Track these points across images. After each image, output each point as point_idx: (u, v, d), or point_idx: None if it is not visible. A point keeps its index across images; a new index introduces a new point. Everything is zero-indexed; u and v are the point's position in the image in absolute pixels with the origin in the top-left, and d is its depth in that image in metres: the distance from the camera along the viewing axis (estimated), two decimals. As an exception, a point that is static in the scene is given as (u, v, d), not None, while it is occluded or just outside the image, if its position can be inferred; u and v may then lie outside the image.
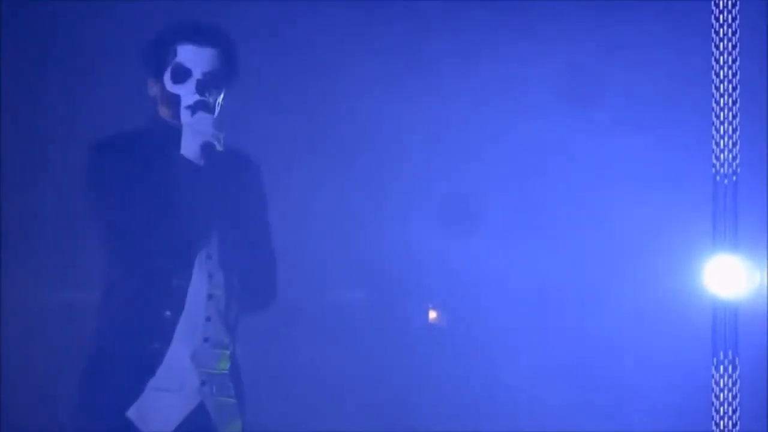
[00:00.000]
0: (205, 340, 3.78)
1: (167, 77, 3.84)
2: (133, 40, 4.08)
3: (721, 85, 4.68)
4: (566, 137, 5.39)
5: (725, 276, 4.75)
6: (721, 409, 4.63)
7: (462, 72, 5.41)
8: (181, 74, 3.83)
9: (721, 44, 4.71)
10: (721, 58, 4.69)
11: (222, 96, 3.87)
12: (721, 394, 4.63)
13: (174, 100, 3.82)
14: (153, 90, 3.88)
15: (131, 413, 3.67)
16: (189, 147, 3.78)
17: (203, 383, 3.75)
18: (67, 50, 5.05)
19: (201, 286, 3.78)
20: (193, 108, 3.80)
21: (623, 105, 5.37)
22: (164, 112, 3.86)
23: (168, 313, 3.74)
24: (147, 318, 3.73)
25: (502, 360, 5.45)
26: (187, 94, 3.81)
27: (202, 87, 3.82)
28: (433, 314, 5.64)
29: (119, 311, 3.74)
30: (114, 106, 4.74)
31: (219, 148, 3.77)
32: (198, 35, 3.85)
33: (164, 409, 3.72)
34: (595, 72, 5.33)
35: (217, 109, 3.85)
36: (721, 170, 4.66)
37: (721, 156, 4.67)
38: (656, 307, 5.27)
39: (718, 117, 4.69)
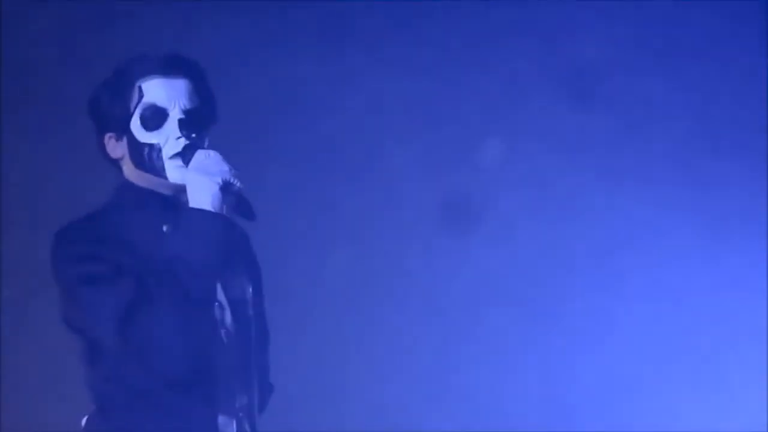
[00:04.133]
0: None
1: (135, 125, 2.94)
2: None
3: None
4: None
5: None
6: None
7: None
8: (155, 117, 2.93)
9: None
10: None
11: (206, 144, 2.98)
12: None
13: (151, 154, 2.93)
14: (116, 150, 2.99)
15: None
16: (201, 195, 2.83)
17: None
18: (67, 50, 5.05)
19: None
20: (184, 154, 2.91)
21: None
22: (138, 176, 2.98)
23: None
24: None
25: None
26: (169, 140, 2.92)
27: (186, 126, 2.91)
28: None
29: None
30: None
31: (239, 185, 2.88)
32: (166, 66, 2.95)
33: None
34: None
35: None
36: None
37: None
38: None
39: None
